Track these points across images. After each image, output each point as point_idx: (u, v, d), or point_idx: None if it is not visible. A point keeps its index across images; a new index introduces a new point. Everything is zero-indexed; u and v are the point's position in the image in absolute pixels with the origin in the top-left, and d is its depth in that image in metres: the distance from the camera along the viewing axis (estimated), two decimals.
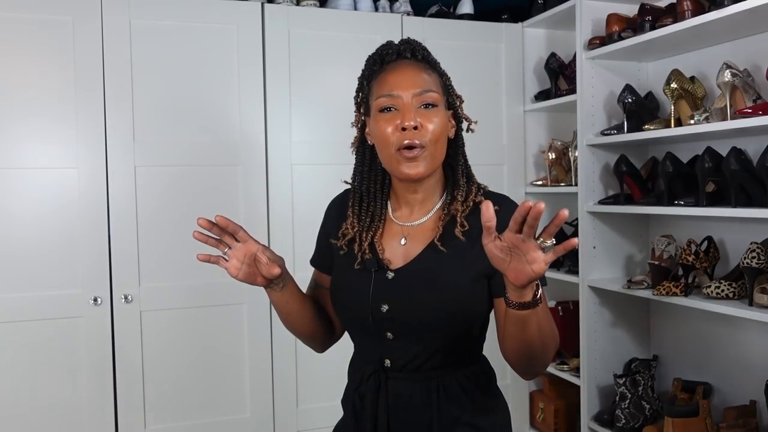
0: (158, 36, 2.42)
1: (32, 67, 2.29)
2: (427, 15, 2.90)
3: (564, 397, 2.85)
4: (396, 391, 1.21)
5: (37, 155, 2.30)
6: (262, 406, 2.57)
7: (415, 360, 1.19)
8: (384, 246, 1.23)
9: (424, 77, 1.19)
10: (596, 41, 2.58)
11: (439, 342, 1.18)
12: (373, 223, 1.25)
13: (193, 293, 2.48)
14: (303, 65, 2.61)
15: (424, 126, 1.15)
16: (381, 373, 1.22)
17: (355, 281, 1.22)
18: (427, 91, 1.17)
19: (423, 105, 1.16)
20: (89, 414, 2.36)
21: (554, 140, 2.89)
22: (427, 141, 1.15)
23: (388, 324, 1.19)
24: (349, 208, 1.30)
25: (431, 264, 1.18)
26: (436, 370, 1.20)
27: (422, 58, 1.22)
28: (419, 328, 1.17)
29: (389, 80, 1.19)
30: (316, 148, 2.63)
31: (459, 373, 1.21)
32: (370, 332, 1.22)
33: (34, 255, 2.30)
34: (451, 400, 1.20)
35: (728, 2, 2.01)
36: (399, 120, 1.16)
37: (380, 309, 1.19)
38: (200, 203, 2.48)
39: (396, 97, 1.17)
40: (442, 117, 1.18)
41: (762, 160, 1.98)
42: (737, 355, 2.35)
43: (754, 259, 2.02)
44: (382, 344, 1.21)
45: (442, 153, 1.20)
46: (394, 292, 1.18)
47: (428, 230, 1.21)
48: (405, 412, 1.21)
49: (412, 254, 1.20)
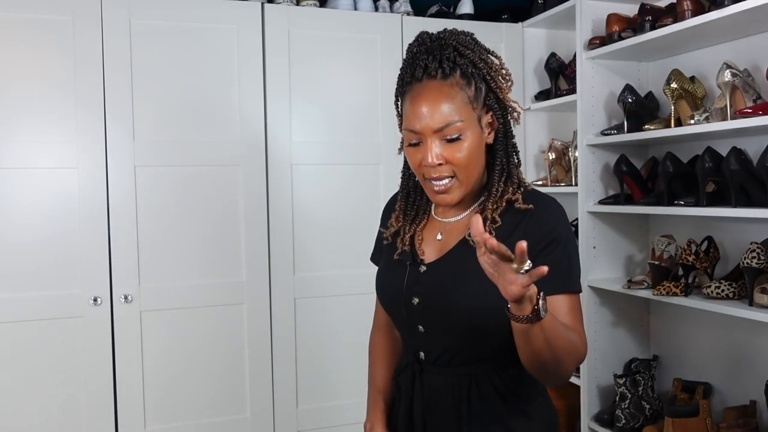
0: (158, 36, 2.42)
1: (32, 66, 2.29)
2: (427, 15, 2.90)
3: (564, 397, 2.85)
4: (430, 384, 1.24)
5: (37, 155, 2.30)
6: (262, 406, 2.57)
7: (446, 354, 1.22)
8: (422, 241, 1.27)
9: (446, 105, 1.15)
10: (596, 41, 2.58)
11: (467, 337, 1.19)
12: (417, 217, 1.30)
13: (193, 293, 2.48)
14: (303, 65, 2.61)
15: (448, 160, 1.16)
16: (416, 365, 1.26)
17: (392, 274, 1.28)
18: (448, 125, 1.15)
19: (446, 139, 1.16)
20: (89, 414, 2.35)
21: (554, 140, 2.89)
22: (453, 171, 1.17)
23: (419, 316, 1.22)
24: (398, 202, 1.34)
25: (462, 259, 1.19)
26: (467, 366, 1.21)
27: (450, 72, 1.17)
28: (447, 321, 1.19)
29: (414, 111, 1.17)
30: (316, 148, 2.63)
31: (495, 375, 1.21)
32: (404, 324, 1.27)
33: (33, 255, 2.30)
34: (483, 400, 1.21)
35: (728, 2, 2.01)
36: (422, 155, 1.17)
37: (412, 302, 1.22)
38: (200, 203, 2.48)
39: (419, 133, 1.17)
40: (470, 140, 1.16)
41: (762, 160, 1.98)
42: (737, 355, 2.35)
43: (754, 259, 2.01)
44: (416, 336, 1.25)
45: (476, 170, 1.20)
46: (424, 285, 1.22)
47: (463, 227, 1.23)
48: (437, 406, 1.24)
49: (445, 249, 1.23)
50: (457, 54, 1.18)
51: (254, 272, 2.54)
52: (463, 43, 1.19)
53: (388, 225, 1.34)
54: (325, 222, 2.64)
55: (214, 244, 2.51)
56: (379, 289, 1.33)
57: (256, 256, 2.54)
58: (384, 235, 1.33)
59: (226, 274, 2.52)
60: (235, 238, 2.53)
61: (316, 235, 2.64)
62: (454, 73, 1.17)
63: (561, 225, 1.18)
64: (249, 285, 2.54)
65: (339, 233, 2.65)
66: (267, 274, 2.56)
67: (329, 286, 2.64)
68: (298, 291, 2.61)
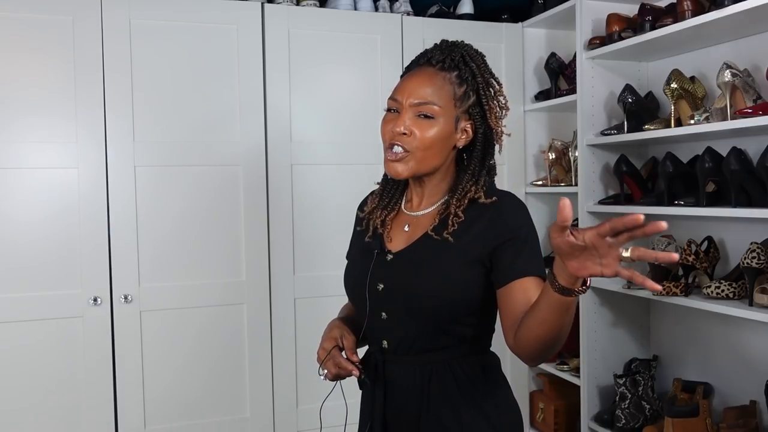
0: (158, 35, 2.42)
1: (32, 66, 2.29)
2: (427, 15, 2.90)
3: (564, 397, 2.85)
4: (392, 373, 1.29)
5: (37, 155, 2.30)
6: (262, 406, 2.57)
7: (406, 341, 1.26)
8: (391, 232, 1.33)
9: (431, 88, 1.24)
10: (596, 41, 2.58)
11: (429, 324, 1.23)
12: (390, 204, 1.36)
13: (193, 293, 2.48)
14: (303, 65, 2.61)
15: (413, 133, 1.23)
16: (379, 355, 1.30)
17: (360, 261, 1.34)
18: (425, 103, 1.23)
19: (419, 115, 1.23)
20: (89, 414, 2.35)
21: (554, 140, 2.89)
22: (414, 147, 1.23)
23: (382, 302, 1.27)
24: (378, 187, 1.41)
25: (425, 249, 1.25)
26: (428, 354, 1.26)
27: (449, 66, 1.25)
28: (409, 308, 1.24)
29: (401, 84, 1.27)
30: (316, 148, 2.63)
31: (455, 363, 1.26)
32: (368, 311, 1.29)
33: (34, 255, 2.30)
34: (442, 388, 1.25)
35: (728, 2, 2.01)
36: (393, 123, 1.24)
37: (376, 288, 1.27)
38: (200, 203, 2.48)
39: (397, 101, 1.26)
40: (440, 127, 1.24)
41: (762, 160, 1.98)
42: (737, 355, 2.35)
43: (754, 259, 2.02)
44: (380, 324, 1.29)
45: (435, 159, 1.26)
46: (390, 272, 1.27)
47: (428, 221, 1.29)
48: (400, 395, 1.28)
49: (411, 240, 1.29)
50: (462, 60, 1.27)
51: (254, 272, 2.54)
52: (473, 56, 1.28)
53: (364, 209, 1.41)
54: (325, 222, 2.64)
55: (214, 244, 2.50)
56: (347, 276, 1.38)
57: (256, 256, 2.54)
58: (362, 215, 1.40)
59: (226, 274, 2.52)
60: (235, 238, 2.53)
61: (316, 235, 2.63)
62: (451, 72, 1.26)
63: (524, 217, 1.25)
64: (249, 285, 2.54)
65: (339, 233, 2.64)
66: (267, 274, 2.56)
67: (329, 286, 2.63)
68: (298, 291, 2.61)
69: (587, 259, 0.92)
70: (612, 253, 0.90)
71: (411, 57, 1.35)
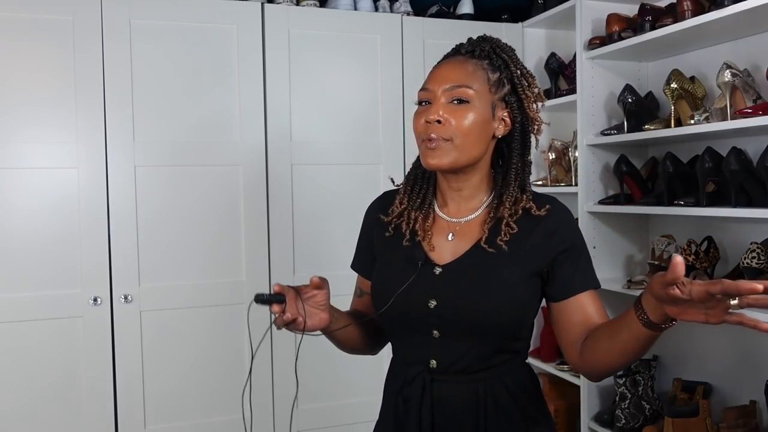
0: (158, 36, 2.42)
1: (32, 66, 2.29)
2: (427, 15, 2.90)
3: (564, 397, 2.85)
4: (442, 395, 1.18)
5: (37, 155, 2.30)
6: (262, 406, 2.57)
7: (462, 360, 1.17)
8: (432, 240, 1.22)
9: (463, 72, 1.17)
10: (596, 41, 2.58)
11: (487, 342, 1.16)
12: (423, 205, 1.24)
13: (193, 293, 2.48)
14: (303, 65, 2.61)
15: (448, 121, 1.15)
16: (426, 374, 1.18)
17: (399, 275, 1.19)
18: (458, 86, 1.15)
19: (453, 100, 1.16)
20: (89, 414, 2.35)
21: (554, 140, 2.89)
22: (451, 134, 1.14)
23: (435, 321, 1.17)
24: (402, 186, 1.30)
25: (480, 262, 1.16)
26: (483, 372, 1.18)
27: (480, 55, 1.19)
28: (468, 325, 1.15)
29: (431, 73, 1.21)
30: (316, 148, 2.63)
31: (507, 378, 1.20)
32: (414, 329, 1.19)
33: (34, 255, 2.30)
34: (500, 407, 1.18)
35: (728, 2, 2.01)
36: (426, 114, 1.17)
37: (427, 305, 1.16)
38: (200, 203, 2.48)
39: (429, 91, 1.18)
40: (477, 113, 1.16)
41: (762, 160, 1.98)
42: (737, 355, 2.35)
43: (754, 259, 2.01)
44: (428, 343, 1.18)
45: (476, 147, 1.17)
46: (443, 287, 1.16)
47: (475, 228, 1.20)
48: (451, 418, 1.18)
49: (459, 251, 1.19)
50: (492, 51, 1.21)
51: (254, 272, 2.54)
52: (503, 48, 1.22)
53: (389, 212, 1.27)
54: (325, 222, 2.64)
55: (214, 244, 2.51)
56: (381, 288, 1.22)
57: (256, 256, 2.54)
58: (387, 220, 1.26)
59: (226, 274, 2.52)
60: (235, 238, 2.53)
61: (316, 235, 2.64)
62: (483, 60, 1.19)
63: (576, 226, 1.22)
64: (249, 285, 2.54)
65: (339, 233, 2.65)
66: (267, 274, 2.56)
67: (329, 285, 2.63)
68: None
69: (691, 306, 0.91)
70: (720, 306, 0.89)
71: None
